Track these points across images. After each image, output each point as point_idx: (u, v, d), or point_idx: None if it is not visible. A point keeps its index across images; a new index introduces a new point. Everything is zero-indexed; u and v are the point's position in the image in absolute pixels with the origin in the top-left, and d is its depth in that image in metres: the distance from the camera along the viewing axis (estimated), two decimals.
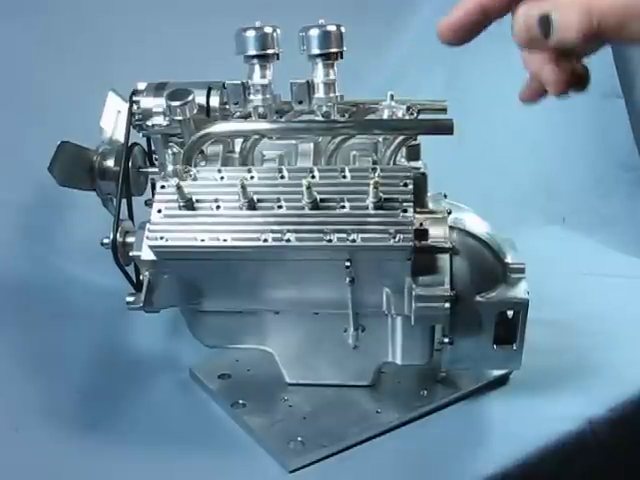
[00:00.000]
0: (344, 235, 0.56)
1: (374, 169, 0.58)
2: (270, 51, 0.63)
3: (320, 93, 0.63)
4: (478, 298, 0.60)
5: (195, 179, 0.60)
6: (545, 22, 0.43)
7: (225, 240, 0.57)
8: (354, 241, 0.55)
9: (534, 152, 1.15)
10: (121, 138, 0.67)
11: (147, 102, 0.65)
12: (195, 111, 0.62)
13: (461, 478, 0.59)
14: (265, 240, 0.56)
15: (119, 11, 0.99)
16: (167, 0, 1.03)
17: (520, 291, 0.61)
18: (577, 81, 0.48)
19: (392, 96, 0.63)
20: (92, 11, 0.99)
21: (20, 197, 0.93)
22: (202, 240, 0.57)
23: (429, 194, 0.63)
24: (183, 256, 0.59)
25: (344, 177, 0.58)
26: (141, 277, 0.62)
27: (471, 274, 0.60)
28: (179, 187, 0.57)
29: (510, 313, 0.62)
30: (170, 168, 0.60)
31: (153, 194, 0.62)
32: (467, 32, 0.47)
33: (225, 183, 0.60)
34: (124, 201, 0.66)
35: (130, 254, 0.62)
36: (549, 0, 0.43)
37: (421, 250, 0.57)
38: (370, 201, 0.56)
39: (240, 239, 0.57)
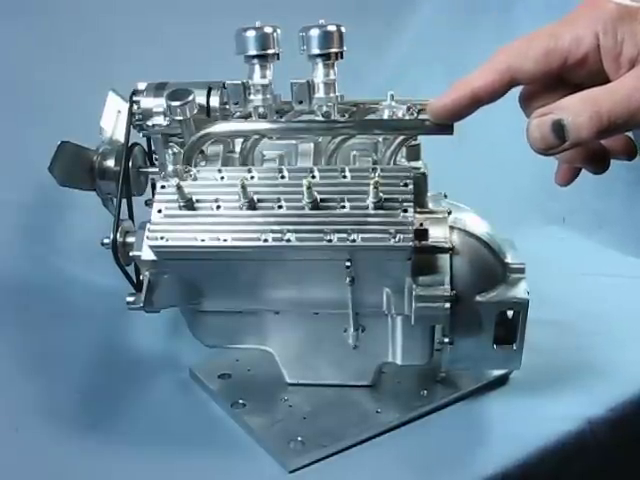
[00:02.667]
0: (344, 235, 0.56)
1: (374, 169, 0.58)
2: (270, 51, 0.63)
3: (320, 93, 0.63)
4: (478, 298, 0.60)
5: (195, 179, 0.60)
6: (559, 128, 0.45)
7: (225, 240, 0.57)
8: (354, 241, 0.55)
9: (534, 152, 1.15)
10: (121, 138, 0.67)
11: (147, 102, 0.65)
12: (195, 111, 0.62)
13: (461, 478, 0.59)
14: (265, 240, 0.56)
15: (119, 11, 1.00)
16: (168, 0, 1.04)
17: (520, 291, 0.61)
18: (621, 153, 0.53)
19: (392, 96, 0.63)
20: (92, 11, 0.99)
21: (20, 197, 0.93)
22: (202, 240, 0.57)
23: (429, 194, 0.63)
24: (183, 256, 0.59)
25: (344, 177, 0.58)
26: (141, 277, 0.62)
27: (471, 274, 0.60)
28: (179, 187, 0.57)
29: (510, 313, 0.62)
30: (170, 168, 0.60)
31: (153, 194, 0.62)
32: (458, 114, 0.50)
33: (225, 183, 0.60)
34: (124, 201, 0.66)
35: (130, 254, 0.62)
36: (556, 105, 0.45)
37: (421, 250, 0.58)
38: (370, 201, 0.56)
39: (240, 239, 0.57)
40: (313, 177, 0.58)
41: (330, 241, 0.56)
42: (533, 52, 0.46)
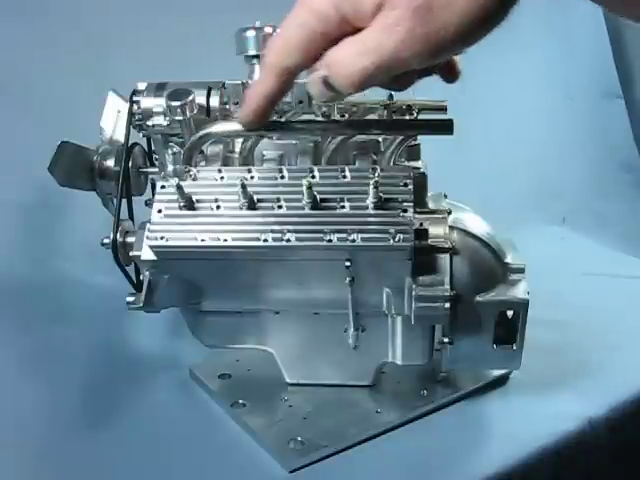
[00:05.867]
0: (344, 235, 0.56)
1: (374, 169, 0.58)
2: None
3: None
4: (478, 298, 0.60)
5: (195, 179, 0.60)
6: (328, 84, 0.46)
7: (225, 240, 0.57)
8: (354, 241, 0.55)
9: (534, 152, 1.15)
10: (121, 138, 0.67)
11: (147, 102, 0.65)
12: (195, 111, 0.62)
13: (461, 478, 0.59)
14: (265, 240, 0.56)
15: (119, 11, 0.99)
16: (167, 0, 1.04)
17: (520, 291, 0.61)
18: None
19: (392, 96, 0.63)
20: (92, 11, 0.99)
21: (20, 197, 0.93)
22: (202, 240, 0.57)
23: (429, 194, 0.63)
24: (183, 256, 0.59)
25: (344, 177, 0.58)
26: (141, 277, 0.62)
27: (471, 274, 0.60)
28: (179, 187, 0.57)
29: (510, 313, 0.62)
30: (170, 168, 0.60)
31: (153, 194, 0.62)
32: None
33: (225, 183, 0.60)
34: (124, 201, 0.66)
35: (130, 254, 0.62)
36: (322, 60, 0.46)
37: (421, 250, 0.57)
38: (370, 201, 0.56)
39: (240, 239, 0.57)
40: (313, 177, 0.58)
41: (330, 241, 0.56)
42: (294, 44, 0.47)
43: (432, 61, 0.43)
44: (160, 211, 0.59)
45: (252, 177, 0.59)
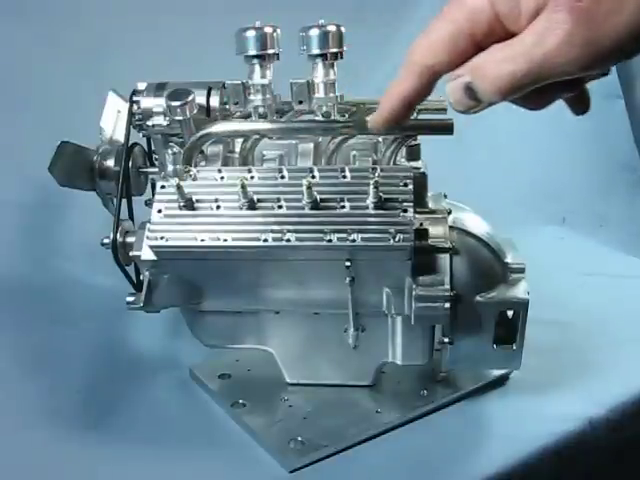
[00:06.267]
0: (344, 235, 0.56)
1: (374, 169, 0.58)
2: (270, 51, 0.62)
3: (320, 93, 0.62)
4: (478, 298, 0.60)
5: (195, 179, 0.60)
6: (470, 91, 0.44)
7: (225, 240, 0.57)
8: (354, 241, 0.55)
9: (534, 152, 1.15)
10: (121, 138, 0.67)
11: (147, 102, 0.65)
12: (195, 111, 0.62)
13: (461, 478, 0.59)
14: (265, 240, 0.56)
15: (120, 11, 1.00)
16: (167, 0, 1.04)
17: (520, 291, 0.61)
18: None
19: None
20: (92, 11, 0.99)
21: (20, 197, 0.93)
22: (202, 240, 0.57)
23: (429, 194, 0.63)
24: (183, 256, 0.59)
25: (344, 177, 0.58)
26: (141, 277, 0.62)
27: (471, 274, 0.60)
28: (179, 187, 0.57)
29: (510, 313, 0.62)
30: (170, 168, 0.60)
31: (153, 194, 0.62)
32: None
33: (225, 183, 0.60)
34: (124, 201, 0.66)
35: (130, 254, 0.62)
36: (466, 66, 0.44)
37: (421, 250, 0.57)
38: (370, 201, 0.56)
39: (240, 239, 0.57)
40: (313, 177, 0.58)
41: (330, 241, 0.56)
42: (439, 43, 0.45)
43: (585, 71, 0.41)
44: (160, 211, 0.59)
45: (252, 177, 0.59)
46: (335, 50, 0.61)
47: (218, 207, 0.58)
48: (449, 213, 0.62)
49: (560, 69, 0.40)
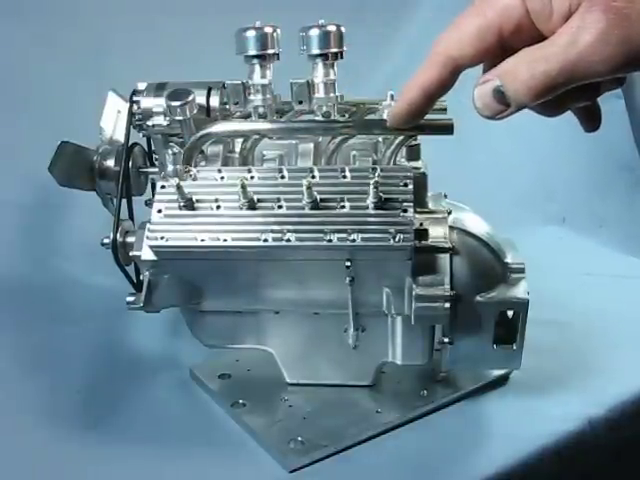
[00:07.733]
0: (344, 235, 0.56)
1: (374, 169, 0.58)
2: (270, 51, 0.63)
3: (320, 93, 0.62)
4: (478, 298, 0.60)
5: (195, 179, 0.60)
6: (499, 95, 0.44)
7: (225, 240, 0.57)
8: (354, 241, 0.55)
9: (534, 152, 1.15)
10: (121, 138, 0.67)
11: (147, 102, 0.65)
12: (195, 111, 0.62)
13: (461, 478, 0.59)
14: (265, 240, 0.56)
15: (119, 11, 1.00)
16: (167, 0, 1.04)
17: (520, 291, 0.61)
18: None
19: (392, 96, 0.63)
20: (92, 11, 0.99)
21: (20, 197, 0.93)
22: (202, 240, 0.57)
23: (429, 194, 0.63)
24: (183, 256, 0.59)
25: (344, 177, 0.58)
26: (141, 277, 0.62)
27: (471, 274, 0.60)
28: (179, 187, 0.57)
29: (510, 313, 0.62)
30: (170, 168, 0.60)
31: (153, 194, 0.62)
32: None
33: (225, 183, 0.60)
34: (124, 201, 0.66)
35: (130, 254, 0.62)
36: (495, 70, 0.44)
37: (421, 250, 0.57)
38: (370, 201, 0.56)
39: (240, 239, 0.57)
40: (313, 177, 0.58)
41: (330, 241, 0.56)
42: (467, 36, 0.45)
43: (618, 72, 0.41)
44: (160, 211, 0.59)
45: (252, 177, 0.59)
46: (335, 50, 0.61)
47: (218, 207, 0.58)
48: (449, 213, 0.61)
49: (594, 68, 0.40)
